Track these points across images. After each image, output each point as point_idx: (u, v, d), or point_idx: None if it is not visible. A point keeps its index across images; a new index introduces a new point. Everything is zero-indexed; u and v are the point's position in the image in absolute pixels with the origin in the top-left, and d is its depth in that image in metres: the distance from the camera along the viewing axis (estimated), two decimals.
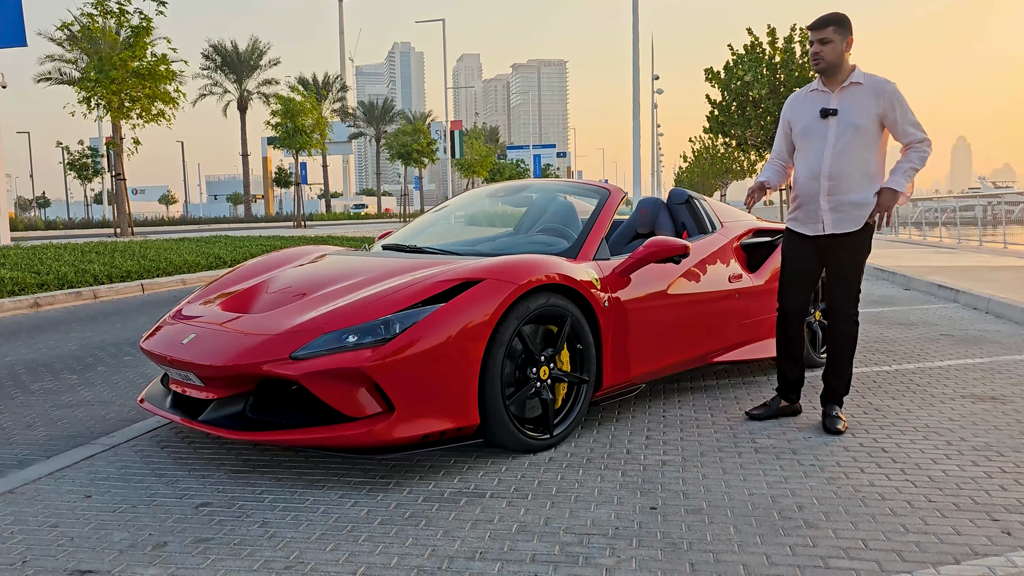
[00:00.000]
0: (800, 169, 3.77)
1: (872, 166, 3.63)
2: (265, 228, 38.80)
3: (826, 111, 3.64)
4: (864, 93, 3.60)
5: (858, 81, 3.62)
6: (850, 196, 3.61)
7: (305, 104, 34.69)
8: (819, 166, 3.65)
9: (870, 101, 3.59)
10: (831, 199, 3.65)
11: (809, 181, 3.70)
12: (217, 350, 3.30)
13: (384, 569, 2.39)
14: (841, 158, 3.61)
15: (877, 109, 3.58)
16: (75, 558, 2.50)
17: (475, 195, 5.44)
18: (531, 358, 3.43)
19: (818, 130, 3.67)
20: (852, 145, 3.60)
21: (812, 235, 3.75)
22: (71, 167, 54.26)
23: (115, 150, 23.75)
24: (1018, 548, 2.46)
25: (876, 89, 3.59)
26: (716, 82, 24.28)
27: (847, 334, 3.75)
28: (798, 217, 3.80)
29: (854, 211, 3.63)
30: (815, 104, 3.71)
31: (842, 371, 3.79)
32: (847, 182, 3.61)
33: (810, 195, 3.71)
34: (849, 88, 3.63)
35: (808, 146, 3.71)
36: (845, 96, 3.63)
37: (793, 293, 3.85)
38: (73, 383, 5.11)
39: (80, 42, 23.70)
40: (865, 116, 3.58)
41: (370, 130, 79.43)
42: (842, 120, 3.61)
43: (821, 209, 3.68)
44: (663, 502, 2.88)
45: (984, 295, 7.77)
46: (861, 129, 3.58)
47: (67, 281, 9.94)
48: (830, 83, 3.68)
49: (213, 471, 3.30)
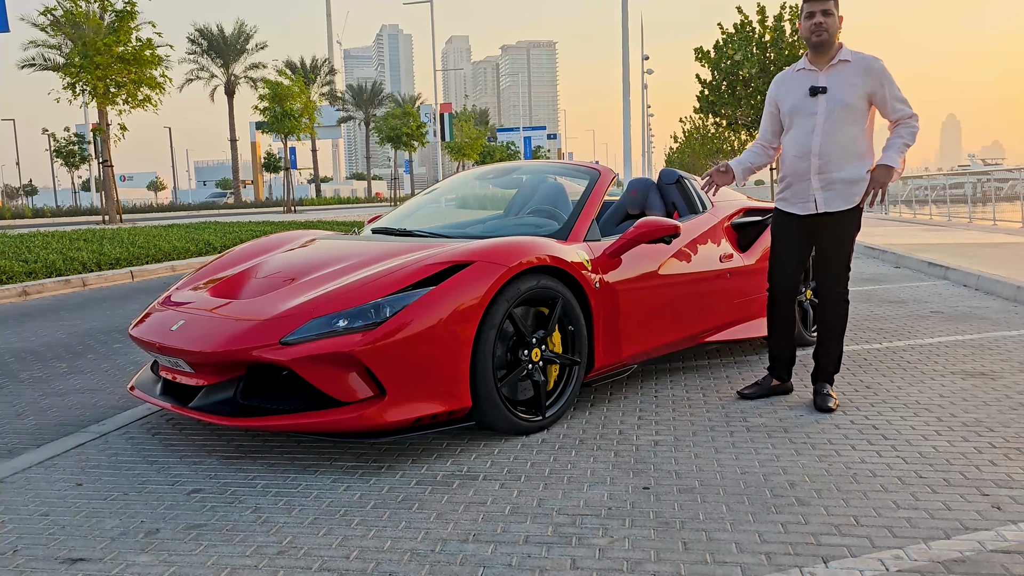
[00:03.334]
0: (789, 148, 3.73)
1: (861, 144, 3.62)
2: (255, 213, 38.61)
3: (815, 89, 3.61)
4: (852, 71, 3.57)
5: (846, 59, 3.60)
6: (841, 174, 3.59)
7: (293, 88, 34.40)
8: (809, 144, 3.63)
9: (859, 78, 3.56)
10: (821, 177, 3.62)
11: (799, 160, 3.67)
12: (206, 336, 3.28)
13: (377, 553, 2.39)
14: (831, 136, 3.58)
15: (866, 87, 3.56)
16: (67, 546, 2.49)
17: (464, 177, 5.42)
18: (522, 340, 3.42)
19: (807, 108, 3.64)
20: (842, 123, 3.57)
21: (803, 215, 3.73)
22: (58, 154, 53.85)
23: (101, 136, 23.54)
24: (1008, 522, 2.48)
25: (864, 66, 3.57)
26: (706, 62, 24.21)
27: (837, 313, 3.76)
28: (788, 197, 3.78)
29: (845, 189, 3.61)
30: (803, 83, 3.67)
31: (832, 349, 3.80)
32: (837, 160, 3.59)
33: (800, 174, 3.68)
34: (838, 66, 3.60)
35: (797, 124, 3.68)
36: (834, 74, 3.60)
37: (783, 273, 3.85)
38: (63, 371, 5.09)
39: (64, 27, 23.43)
40: (854, 94, 3.56)
41: (359, 114, 78.98)
42: (831, 98, 3.58)
43: (812, 188, 3.65)
44: (656, 482, 2.89)
45: (974, 272, 7.80)
46: (850, 107, 3.56)
47: (55, 269, 9.87)
48: (818, 61, 3.65)
49: (204, 457, 3.29)
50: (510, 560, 2.32)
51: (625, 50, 23.59)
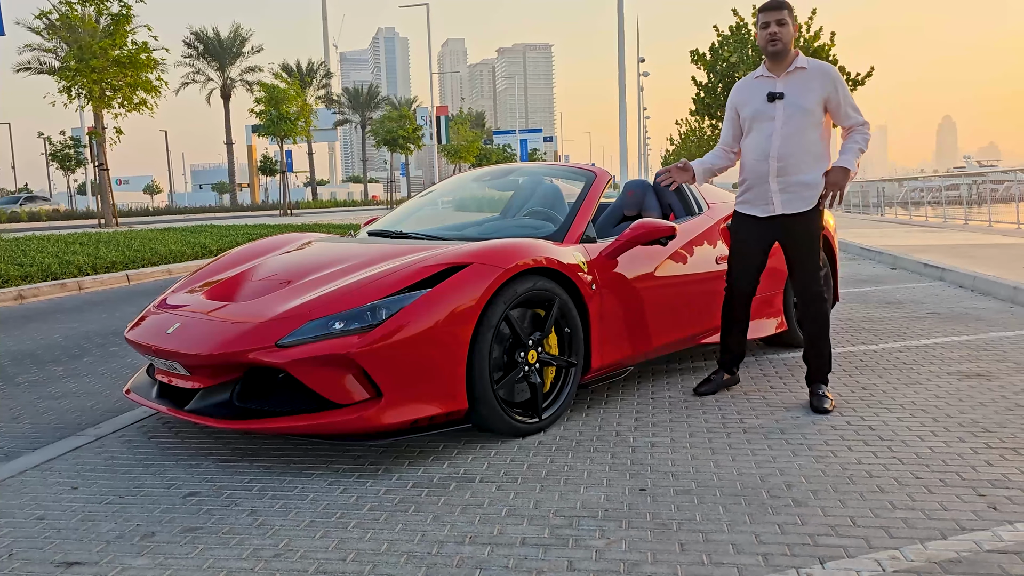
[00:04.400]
0: (749, 152, 3.84)
1: (819, 147, 3.73)
2: (252, 217, 38.57)
3: (773, 95, 3.73)
4: (809, 77, 3.70)
5: (802, 66, 3.72)
6: (799, 177, 3.70)
7: (289, 91, 34.41)
8: (769, 148, 3.73)
9: (815, 84, 3.69)
10: (780, 180, 3.73)
11: (758, 163, 3.77)
12: (202, 339, 3.27)
13: (374, 555, 2.38)
14: (790, 140, 3.69)
15: (822, 92, 3.68)
16: (62, 550, 2.49)
17: (461, 180, 5.42)
18: (519, 342, 3.42)
19: (766, 113, 3.75)
20: (800, 127, 3.69)
21: (762, 216, 3.82)
22: (54, 158, 53.81)
23: (97, 140, 23.52)
24: (1004, 523, 2.48)
25: (820, 72, 3.70)
26: (702, 64, 24.24)
27: (818, 312, 3.81)
28: (748, 199, 3.88)
29: (804, 191, 3.71)
30: (762, 89, 3.78)
31: (821, 349, 3.83)
32: (796, 163, 3.69)
33: (760, 176, 3.78)
34: (794, 72, 3.73)
35: (757, 129, 3.79)
36: (791, 80, 3.72)
37: (742, 274, 3.94)
38: (59, 374, 5.08)
39: (59, 31, 23.40)
40: (811, 99, 3.68)
41: (355, 117, 78.97)
42: (789, 103, 3.69)
43: (771, 191, 3.76)
44: (652, 483, 2.89)
45: (970, 273, 7.81)
46: (807, 111, 3.68)
47: (51, 272, 9.85)
48: (776, 68, 3.77)
49: (201, 460, 3.29)
50: (507, 562, 2.31)
51: (621, 53, 23.61)
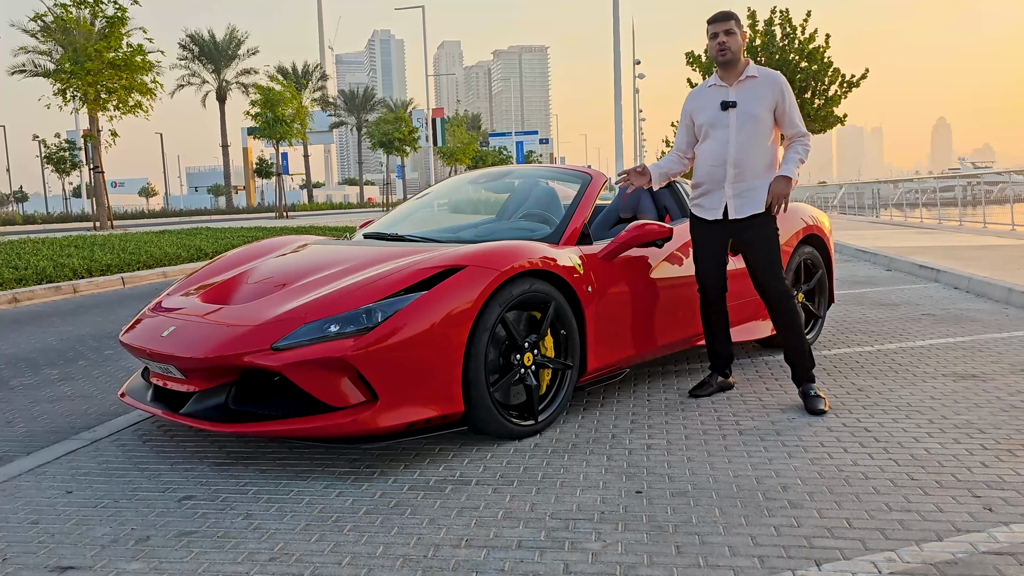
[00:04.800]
0: (706, 158, 3.91)
1: (772, 154, 3.85)
2: (247, 219, 38.53)
3: (726, 103, 3.82)
4: (759, 85, 3.81)
5: (753, 74, 3.83)
6: (754, 182, 3.80)
7: (285, 93, 34.37)
8: (725, 154, 3.83)
9: (765, 91, 3.79)
10: (735, 186, 3.82)
11: (714, 168, 3.86)
12: (197, 342, 3.26)
13: (369, 559, 2.38)
14: (744, 147, 3.79)
15: (771, 100, 3.80)
16: (57, 554, 2.48)
17: (457, 182, 5.42)
18: (515, 344, 3.42)
19: (721, 121, 3.84)
20: (752, 134, 3.79)
21: (713, 219, 3.92)
22: (48, 160, 53.69)
23: (92, 143, 23.50)
24: (1000, 524, 2.48)
25: (769, 80, 3.80)
26: (697, 66, 24.28)
27: (786, 309, 3.86)
28: (702, 203, 3.97)
29: (757, 196, 3.80)
30: (715, 98, 3.86)
31: (798, 346, 3.87)
32: (751, 169, 3.80)
33: (716, 181, 3.87)
34: (745, 81, 3.83)
35: (712, 136, 3.88)
36: (742, 88, 3.82)
37: (707, 272, 4.02)
38: (53, 378, 5.06)
39: (54, 33, 23.38)
40: (762, 106, 3.79)
41: (351, 119, 78.95)
42: (742, 111, 3.79)
43: (725, 195, 3.86)
44: (648, 486, 2.89)
45: (965, 274, 7.83)
46: (759, 119, 3.79)
47: (46, 276, 9.82)
48: (728, 76, 3.84)
49: (196, 464, 3.28)
50: (503, 565, 2.31)
51: (616, 55, 23.66)
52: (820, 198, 36.53)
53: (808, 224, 5.10)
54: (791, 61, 22.20)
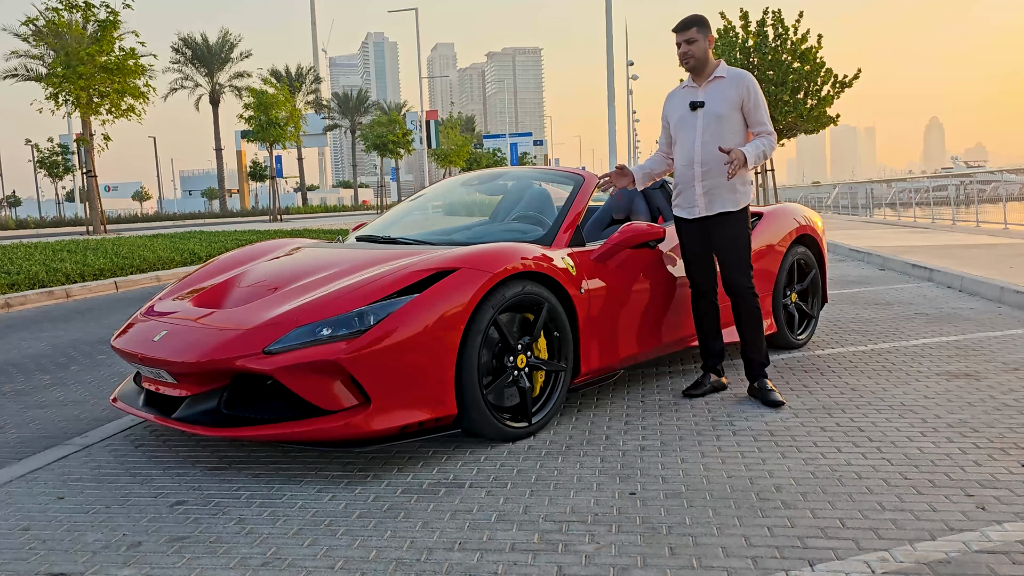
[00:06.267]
0: (678, 158, 4.02)
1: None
2: (241, 223, 38.46)
3: (694, 104, 3.90)
4: (726, 85, 3.88)
5: (721, 75, 3.90)
6: (721, 180, 3.87)
7: (278, 96, 34.28)
8: (692, 154, 3.91)
9: (732, 91, 3.85)
10: (704, 184, 3.91)
11: (685, 168, 3.97)
12: (189, 346, 3.25)
13: (363, 563, 2.37)
14: (710, 146, 3.86)
15: (737, 98, 3.84)
16: (48, 560, 2.46)
17: (450, 184, 5.41)
18: (508, 346, 3.41)
19: (690, 121, 3.93)
20: (718, 133, 3.85)
21: (690, 218, 4.00)
22: (41, 165, 53.51)
23: (85, 147, 23.43)
24: (993, 523, 2.48)
25: (736, 80, 3.87)
26: None
27: (748, 306, 3.95)
28: (679, 203, 4.07)
29: (726, 194, 3.89)
30: (686, 98, 3.97)
31: (755, 341, 3.98)
32: (718, 167, 3.86)
33: (687, 181, 3.97)
34: (714, 82, 3.91)
35: (682, 136, 3.98)
36: (711, 89, 3.91)
37: (696, 271, 4.09)
38: (45, 383, 5.04)
39: (46, 37, 23.31)
40: (728, 105, 3.84)
41: (345, 122, 78.89)
42: (708, 111, 3.88)
43: (696, 194, 3.94)
44: (642, 487, 2.88)
45: (958, 273, 7.85)
46: (725, 118, 3.85)
47: (39, 280, 9.78)
48: (698, 78, 3.94)
49: (188, 469, 3.27)
50: (496, 568, 2.30)
51: (610, 56, 23.66)
52: (814, 198, 36.62)
53: (801, 224, 5.11)
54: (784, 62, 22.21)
